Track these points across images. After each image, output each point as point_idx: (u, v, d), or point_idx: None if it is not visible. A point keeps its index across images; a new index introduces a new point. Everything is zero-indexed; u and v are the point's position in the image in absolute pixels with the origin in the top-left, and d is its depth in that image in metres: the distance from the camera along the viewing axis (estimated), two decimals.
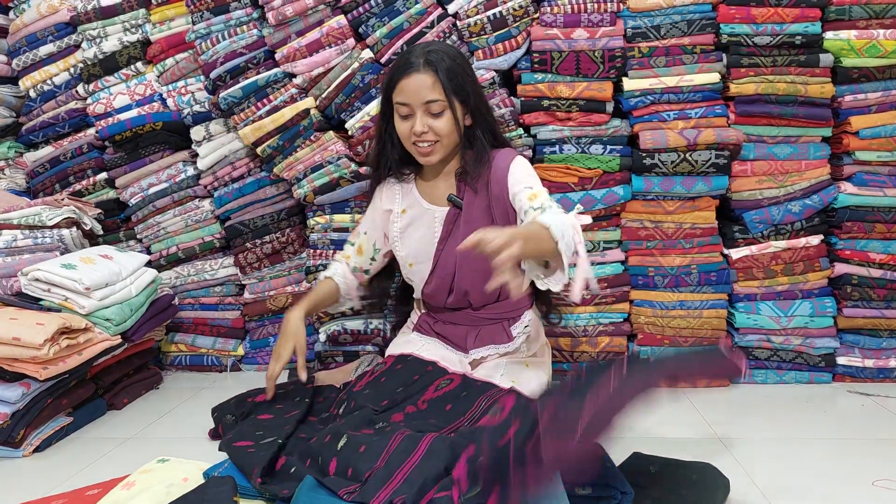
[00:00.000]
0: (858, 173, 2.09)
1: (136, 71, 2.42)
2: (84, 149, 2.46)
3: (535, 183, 1.69)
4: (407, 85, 1.63)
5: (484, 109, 1.74)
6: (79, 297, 1.93)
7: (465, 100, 1.67)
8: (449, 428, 1.47)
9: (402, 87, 1.64)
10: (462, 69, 1.67)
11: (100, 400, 2.01)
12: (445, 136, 1.67)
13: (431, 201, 1.81)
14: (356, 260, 1.95)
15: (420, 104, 1.63)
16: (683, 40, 2.10)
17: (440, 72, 1.62)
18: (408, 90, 1.63)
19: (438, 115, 1.65)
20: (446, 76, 1.62)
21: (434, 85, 1.62)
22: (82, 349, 1.86)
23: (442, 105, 1.64)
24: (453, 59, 1.66)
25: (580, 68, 2.11)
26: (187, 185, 2.40)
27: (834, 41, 2.05)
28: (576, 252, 1.42)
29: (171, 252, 2.44)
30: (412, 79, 1.62)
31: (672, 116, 2.10)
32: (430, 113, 1.64)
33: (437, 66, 1.62)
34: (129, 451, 1.75)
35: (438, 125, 1.65)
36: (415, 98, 1.63)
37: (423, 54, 1.64)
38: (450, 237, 1.76)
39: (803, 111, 2.06)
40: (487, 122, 1.75)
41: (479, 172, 1.72)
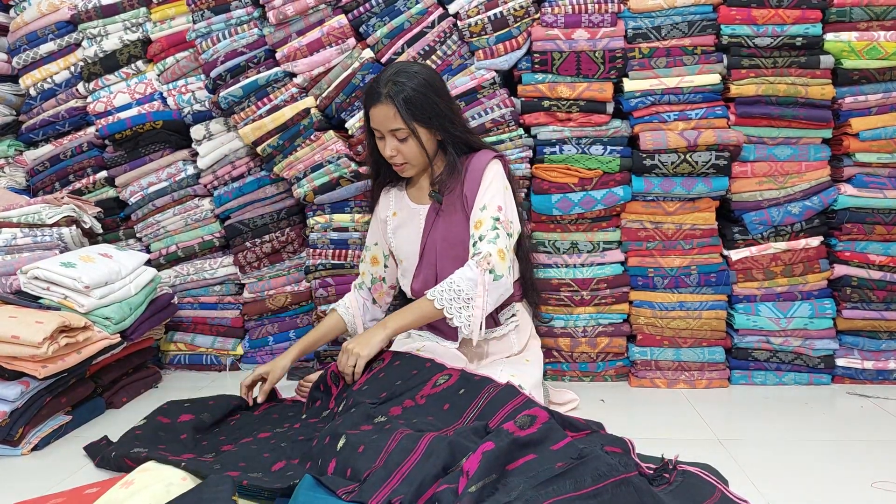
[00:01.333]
0: (858, 175, 2.09)
1: (137, 69, 2.42)
2: (84, 147, 2.46)
3: (489, 201, 1.79)
4: (374, 115, 1.79)
5: (450, 125, 1.83)
6: (78, 296, 1.93)
7: (429, 123, 1.79)
8: (447, 428, 1.47)
9: (371, 115, 1.80)
10: (424, 96, 1.76)
11: (99, 399, 2.01)
12: (413, 158, 1.82)
13: (417, 201, 1.94)
14: (371, 271, 2.07)
15: (387, 131, 1.79)
16: (684, 41, 2.10)
17: (398, 104, 1.74)
18: (375, 119, 1.80)
19: (404, 140, 1.80)
20: (405, 107, 1.74)
21: (395, 115, 1.75)
22: (81, 348, 1.86)
23: (405, 132, 1.78)
24: (415, 88, 1.75)
25: (581, 69, 2.11)
26: (187, 183, 2.40)
27: (835, 43, 2.05)
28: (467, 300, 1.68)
29: (170, 251, 2.44)
30: (377, 109, 1.77)
31: (672, 117, 2.10)
32: (398, 138, 1.80)
33: (395, 99, 1.74)
34: None
35: (405, 149, 1.81)
36: (381, 126, 1.79)
37: (386, 84, 1.75)
38: (432, 230, 1.88)
39: (803, 113, 2.06)
40: (457, 135, 1.85)
41: (452, 179, 1.85)
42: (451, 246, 1.80)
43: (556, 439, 1.32)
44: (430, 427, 1.45)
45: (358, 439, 1.36)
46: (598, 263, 2.16)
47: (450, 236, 1.84)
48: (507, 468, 1.26)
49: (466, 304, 1.68)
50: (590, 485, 1.18)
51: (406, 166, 1.84)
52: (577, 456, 1.25)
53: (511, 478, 1.24)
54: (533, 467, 1.25)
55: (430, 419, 1.50)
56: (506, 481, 1.23)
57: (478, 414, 1.49)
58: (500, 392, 1.50)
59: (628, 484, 1.17)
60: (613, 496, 1.16)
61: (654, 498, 1.15)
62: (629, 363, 2.20)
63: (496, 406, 1.47)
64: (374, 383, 1.66)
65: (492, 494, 1.19)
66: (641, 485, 1.17)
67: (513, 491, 1.19)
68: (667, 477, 1.29)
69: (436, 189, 1.88)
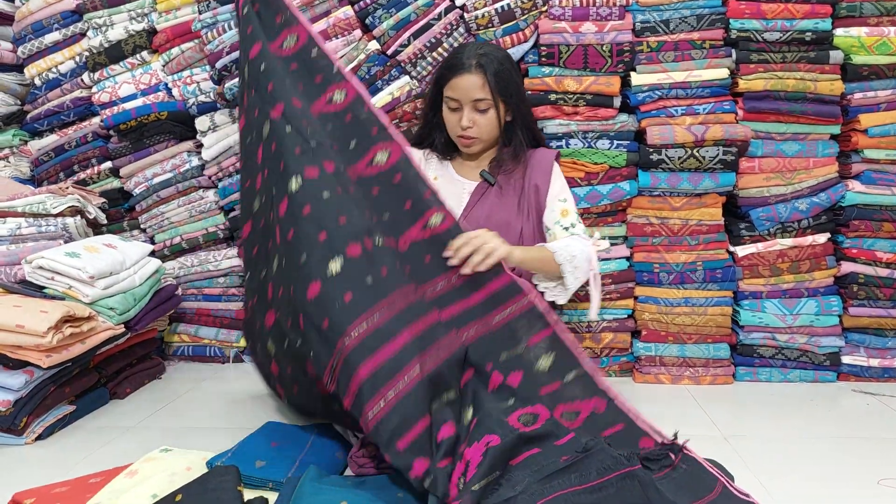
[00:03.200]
0: (867, 171, 2.07)
1: (142, 60, 2.42)
2: (89, 137, 2.45)
3: (568, 195, 1.86)
4: (458, 83, 1.77)
5: (525, 109, 1.86)
6: (82, 286, 1.93)
7: (508, 100, 1.80)
8: (425, 286, 1.46)
9: (454, 84, 1.77)
10: (508, 72, 1.79)
11: (102, 389, 2.01)
12: (487, 132, 1.81)
13: (463, 175, 1.92)
14: None
15: (468, 101, 1.77)
16: (692, 35, 2.09)
17: (489, 74, 1.75)
18: (458, 88, 1.77)
19: (484, 111, 1.79)
20: (494, 78, 1.75)
21: (483, 86, 1.75)
22: (85, 338, 1.86)
23: (488, 104, 1.77)
24: (501, 62, 1.79)
25: (588, 62, 2.10)
26: (192, 175, 2.39)
27: (844, 38, 2.04)
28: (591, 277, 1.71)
29: (174, 242, 2.44)
30: (463, 78, 1.76)
31: (680, 112, 2.09)
32: (477, 109, 1.78)
33: (486, 69, 1.75)
34: (132, 440, 1.75)
35: (482, 121, 1.80)
36: (464, 95, 1.77)
37: (475, 56, 1.76)
38: (475, 207, 1.86)
39: (812, 108, 2.05)
40: (527, 121, 1.87)
41: (513, 164, 1.85)
42: (493, 226, 1.71)
43: (560, 434, 1.32)
44: (402, 280, 1.44)
45: (347, 276, 1.38)
46: (604, 259, 2.15)
47: (495, 217, 1.81)
48: (510, 462, 1.26)
49: (574, 270, 1.69)
50: (595, 478, 1.18)
51: (475, 141, 1.83)
52: (582, 450, 1.24)
53: (515, 472, 1.24)
54: (538, 461, 1.25)
55: (406, 269, 1.48)
56: (510, 476, 1.23)
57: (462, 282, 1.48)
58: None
59: (633, 477, 1.17)
60: (618, 490, 1.15)
61: (659, 492, 1.15)
62: (633, 359, 2.19)
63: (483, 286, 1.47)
64: (362, 199, 1.58)
65: (495, 490, 1.19)
66: (646, 478, 1.17)
67: (517, 485, 1.19)
68: (672, 458, 1.28)
69: (488, 170, 1.87)
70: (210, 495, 1.11)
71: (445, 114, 1.84)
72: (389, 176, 1.59)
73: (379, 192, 1.58)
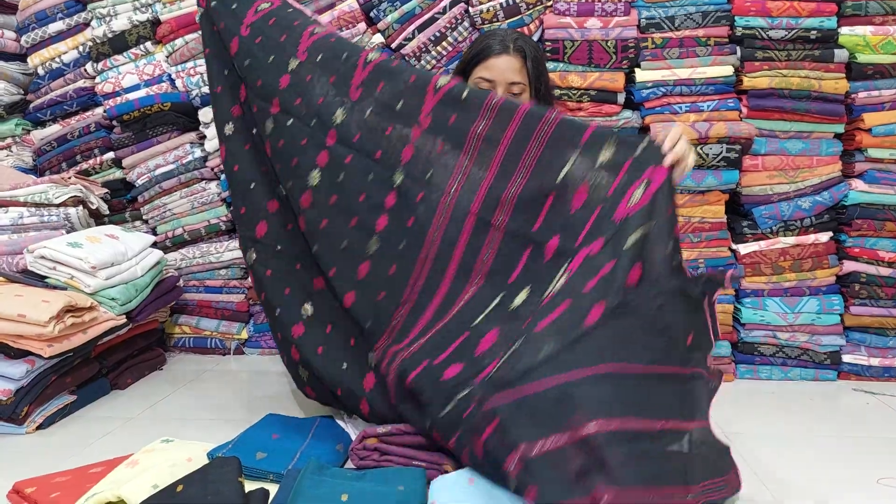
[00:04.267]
0: (870, 171, 2.07)
1: (146, 51, 2.41)
2: (92, 128, 2.45)
3: None
4: (495, 64, 1.73)
5: (551, 100, 1.84)
6: (84, 276, 1.93)
7: (538, 87, 1.78)
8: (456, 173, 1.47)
9: (491, 64, 1.73)
10: (542, 62, 1.79)
11: (103, 379, 2.01)
12: None
13: None
14: None
15: (504, 83, 1.73)
16: (698, 32, 2.08)
17: (528, 59, 1.74)
18: (495, 68, 1.73)
19: (517, 95, 1.75)
20: (532, 63, 1.74)
21: (521, 69, 1.73)
22: (87, 328, 1.86)
23: (522, 88, 1.74)
24: (536, 49, 1.78)
25: (592, 58, 2.10)
26: (194, 166, 2.39)
27: (849, 37, 2.04)
28: None
29: (176, 234, 2.44)
30: (502, 59, 1.72)
31: (684, 109, 2.08)
32: (511, 92, 1.74)
33: (526, 53, 1.74)
34: (132, 430, 1.75)
35: None
36: (501, 76, 1.72)
37: (513, 40, 1.75)
38: None
39: (816, 107, 2.05)
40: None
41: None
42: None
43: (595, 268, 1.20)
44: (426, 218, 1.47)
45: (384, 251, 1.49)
46: None
47: None
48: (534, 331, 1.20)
49: None
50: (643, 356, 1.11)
51: None
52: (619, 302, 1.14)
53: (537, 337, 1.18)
54: (564, 318, 1.17)
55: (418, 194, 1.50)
56: (530, 340, 1.18)
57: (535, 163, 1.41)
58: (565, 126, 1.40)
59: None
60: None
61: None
62: None
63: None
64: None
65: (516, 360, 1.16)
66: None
67: (539, 351, 1.13)
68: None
69: None
70: (211, 486, 1.12)
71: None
72: (388, 63, 1.62)
73: (383, 87, 1.59)
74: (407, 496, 1.18)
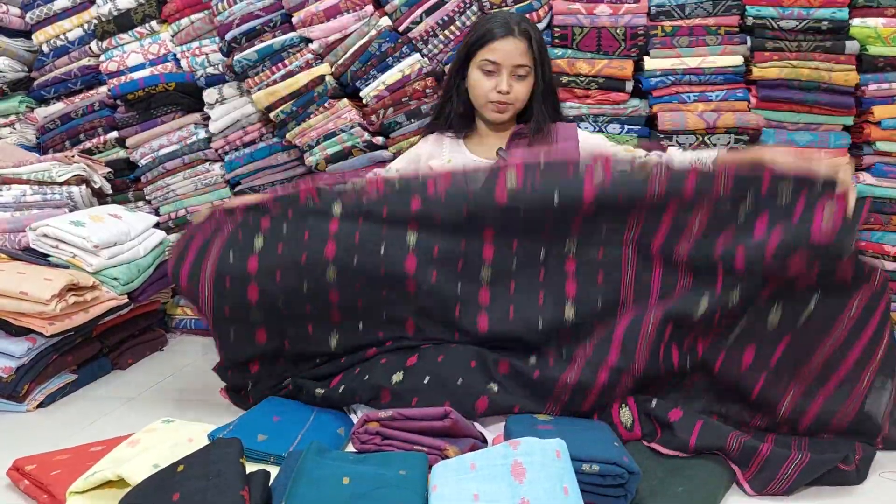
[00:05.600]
0: (878, 164, 2.05)
1: (151, 30, 2.40)
2: (96, 107, 2.44)
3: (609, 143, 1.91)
4: (501, 46, 1.75)
5: (553, 83, 1.87)
6: (87, 255, 1.92)
7: (542, 70, 1.81)
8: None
9: (496, 46, 1.75)
10: (544, 45, 1.83)
11: (104, 359, 2.01)
12: (519, 100, 1.81)
13: (479, 155, 1.88)
14: None
15: (510, 66, 1.76)
16: (708, 21, 2.07)
17: (533, 42, 1.77)
18: (502, 50, 1.75)
19: (522, 78, 1.78)
20: (537, 47, 1.77)
21: (527, 52, 1.76)
22: (89, 307, 1.85)
23: (527, 70, 1.78)
24: (539, 32, 1.83)
25: (601, 45, 2.08)
26: (198, 147, 2.38)
27: (861, 28, 2.02)
28: None
29: (179, 215, 2.43)
30: (508, 41, 1.75)
31: (692, 98, 2.07)
32: (516, 75, 1.77)
33: (532, 36, 1.77)
34: (133, 410, 1.75)
35: (519, 88, 1.79)
36: (506, 59, 1.75)
37: (517, 22, 1.78)
38: None
39: (826, 98, 2.03)
40: (553, 94, 1.88)
41: (537, 139, 1.82)
42: None
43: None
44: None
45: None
46: None
47: None
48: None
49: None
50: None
51: (508, 107, 1.81)
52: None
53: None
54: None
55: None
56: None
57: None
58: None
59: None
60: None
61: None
62: None
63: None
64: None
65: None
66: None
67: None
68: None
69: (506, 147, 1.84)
70: (212, 467, 1.11)
71: (477, 79, 1.80)
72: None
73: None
74: (408, 480, 1.18)
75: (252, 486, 1.12)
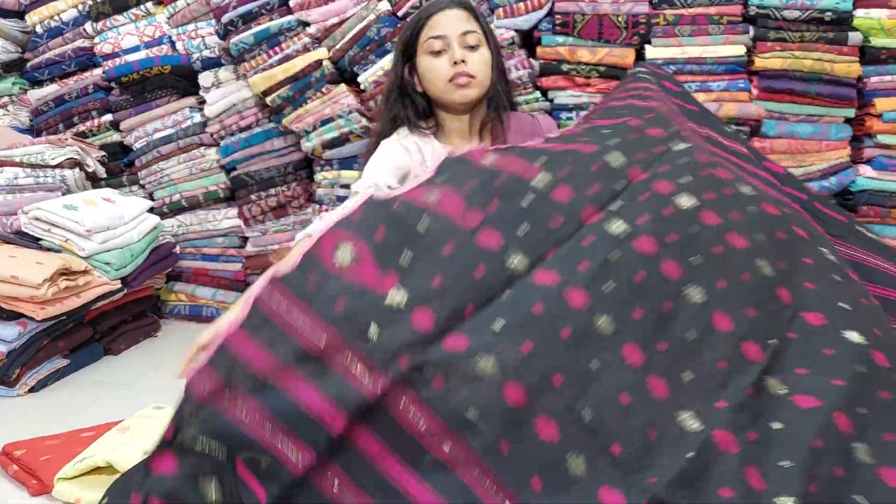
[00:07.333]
0: (879, 157, 2.03)
1: (147, 11, 2.37)
2: (90, 89, 2.41)
3: None
4: (439, 19, 1.58)
5: (503, 67, 1.69)
6: (79, 239, 1.90)
7: (493, 45, 1.63)
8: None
9: (436, 21, 1.58)
10: (487, 22, 1.65)
11: (97, 344, 2.00)
12: (481, 71, 1.59)
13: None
14: None
15: (456, 35, 1.57)
16: (710, 10, 2.04)
17: (473, 10, 1.61)
18: (443, 22, 1.57)
19: (474, 48, 1.58)
20: (479, 15, 1.61)
21: (469, 19, 1.59)
22: (81, 291, 1.84)
23: (477, 38, 1.58)
24: (477, 9, 1.64)
25: (603, 33, 2.06)
26: (193, 132, 2.36)
27: (864, 20, 1.99)
28: None
29: (174, 200, 2.41)
30: (447, 13, 1.58)
31: (694, 88, 2.04)
32: (467, 45, 1.57)
33: (469, 6, 1.61)
34: (124, 396, 1.74)
35: (474, 58, 1.58)
36: (452, 30, 1.57)
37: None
38: None
39: (828, 90, 2.01)
40: (505, 80, 1.71)
41: (498, 130, 1.66)
42: None
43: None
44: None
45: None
46: None
47: None
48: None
49: None
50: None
51: (473, 81, 1.57)
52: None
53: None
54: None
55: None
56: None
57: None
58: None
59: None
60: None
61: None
62: None
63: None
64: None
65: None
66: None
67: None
68: None
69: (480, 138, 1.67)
70: None
71: (428, 64, 1.59)
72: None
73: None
74: None
75: None
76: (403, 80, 1.65)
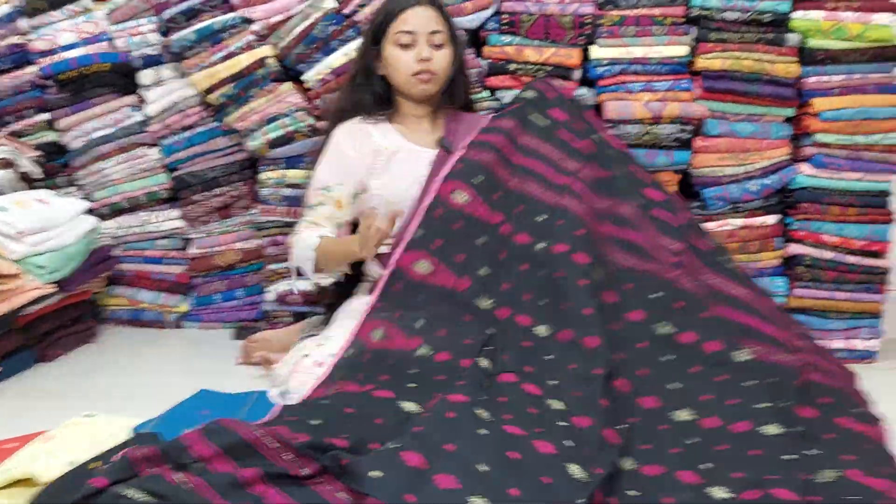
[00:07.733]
0: (817, 155, 2.08)
1: (84, 7, 2.29)
2: (25, 87, 2.32)
3: None
4: (413, 15, 1.72)
5: (463, 64, 1.84)
6: (9, 242, 1.83)
7: (457, 46, 1.79)
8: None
9: (407, 17, 1.72)
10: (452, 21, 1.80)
11: (28, 351, 1.92)
12: (443, 70, 1.76)
13: (418, 143, 1.81)
14: (337, 216, 1.82)
15: (425, 33, 1.72)
16: (654, 11, 2.06)
17: (442, 10, 1.76)
18: (411, 20, 1.72)
19: (439, 47, 1.74)
20: (446, 16, 1.77)
21: (438, 18, 1.74)
22: (10, 296, 1.77)
23: (443, 38, 1.74)
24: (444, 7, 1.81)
25: (549, 33, 2.06)
26: (133, 131, 2.29)
27: (802, 21, 2.04)
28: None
29: (114, 201, 2.33)
30: (418, 10, 1.73)
31: (638, 88, 2.06)
32: (433, 44, 1.73)
33: (440, 5, 1.77)
34: (57, 404, 1.67)
35: (439, 56, 1.75)
36: (421, 26, 1.72)
37: None
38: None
39: (768, 90, 2.05)
40: (465, 75, 1.88)
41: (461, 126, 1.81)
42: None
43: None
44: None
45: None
46: None
47: None
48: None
49: None
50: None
51: (434, 78, 1.75)
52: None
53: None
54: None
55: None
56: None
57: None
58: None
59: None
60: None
61: None
62: None
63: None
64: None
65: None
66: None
67: None
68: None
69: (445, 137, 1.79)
70: None
71: (395, 55, 1.73)
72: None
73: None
74: None
75: None
76: (371, 64, 1.79)
